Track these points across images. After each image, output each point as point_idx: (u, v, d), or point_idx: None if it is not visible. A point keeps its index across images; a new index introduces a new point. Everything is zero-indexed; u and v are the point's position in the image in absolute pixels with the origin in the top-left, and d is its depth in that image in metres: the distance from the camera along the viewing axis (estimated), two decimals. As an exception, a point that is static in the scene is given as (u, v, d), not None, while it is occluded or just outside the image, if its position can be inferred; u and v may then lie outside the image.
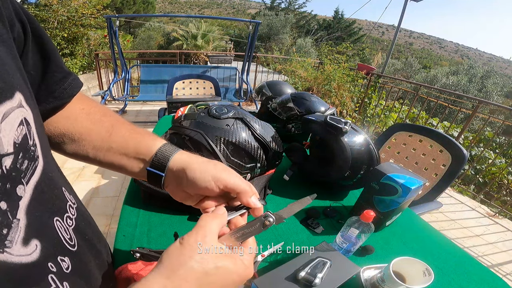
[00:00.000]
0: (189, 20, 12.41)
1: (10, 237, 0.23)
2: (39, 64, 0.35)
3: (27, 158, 0.26)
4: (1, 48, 0.25)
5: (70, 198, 0.35)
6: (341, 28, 22.07)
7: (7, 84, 0.24)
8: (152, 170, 0.38)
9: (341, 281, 0.58)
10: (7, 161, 0.24)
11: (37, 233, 0.26)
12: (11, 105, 0.24)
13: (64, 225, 0.31)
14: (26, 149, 0.26)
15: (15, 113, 0.25)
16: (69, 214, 0.33)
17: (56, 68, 0.37)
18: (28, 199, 0.26)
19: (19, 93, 0.26)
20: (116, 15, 3.27)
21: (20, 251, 0.24)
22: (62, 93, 0.39)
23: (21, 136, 0.26)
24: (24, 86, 0.28)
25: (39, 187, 0.28)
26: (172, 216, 0.82)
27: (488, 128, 4.83)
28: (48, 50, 0.36)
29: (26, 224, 0.25)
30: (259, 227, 0.33)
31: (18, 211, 0.25)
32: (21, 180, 0.25)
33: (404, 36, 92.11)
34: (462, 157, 1.20)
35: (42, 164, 0.29)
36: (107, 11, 6.25)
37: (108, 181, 2.38)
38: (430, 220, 2.22)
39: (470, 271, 0.74)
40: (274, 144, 0.85)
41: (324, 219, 0.90)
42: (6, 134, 0.23)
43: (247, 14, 58.45)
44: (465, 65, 13.12)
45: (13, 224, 0.24)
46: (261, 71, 5.66)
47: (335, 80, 4.38)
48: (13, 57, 0.27)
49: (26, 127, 0.27)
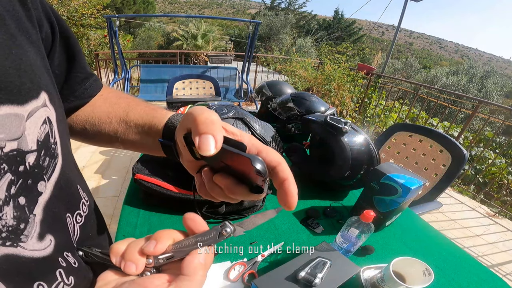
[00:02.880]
0: (189, 20, 12.41)
1: (27, 232, 0.24)
2: (64, 64, 0.36)
3: (48, 155, 0.27)
4: (30, 49, 0.26)
5: (83, 196, 0.36)
6: (341, 28, 22.08)
7: (34, 84, 0.25)
8: (162, 141, 0.37)
9: (341, 281, 0.58)
10: (31, 158, 0.25)
11: (51, 229, 0.27)
12: (36, 105, 0.25)
13: (73, 221, 0.32)
14: (47, 146, 0.27)
15: (40, 112, 0.26)
16: (80, 211, 0.34)
17: (80, 68, 0.39)
18: (48, 195, 0.27)
19: (44, 93, 0.27)
20: (116, 15, 3.27)
21: (34, 245, 0.25)
22: (83, 93, 0.40)
23: (43, 134, 0.27)
24: (50, 86, 0.29)
25: (59, 184, 0.29)
26: (172, 216, 0.82)
27: (488, 128, 4.83)
28: (74, 51, 0.37)
29: (41, 220, 0.26)
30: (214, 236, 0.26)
31: (36, 207, 0.25)
32: (43, 176, 0.26)
33: (404, 36, 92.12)
34: (462, 157, 1.20)
35: (61, 162, 0.30)
36: (107, 11, 6.25)
37: (108, 181, 2.38)
38: (430, 220, 2.22)
39: (470, 271, 0.74)
40: (274, 144, 0.85)
41: (324, 219, 0.90)
42: (31, 132, 0.25)
43: (247, 14, 58.44)
44: (465, 65, 13.13)
45: (29, 219, 0.25)
46: (261, 71, 5.66)
47: (335, 80, 4.38)
48: (42, 58, 0.28)
49: (49, 125, 0.28)
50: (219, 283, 0.64)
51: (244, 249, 0.73)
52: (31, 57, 0.26)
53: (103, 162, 2.66)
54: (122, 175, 2.47)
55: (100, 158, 2.71)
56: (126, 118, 0.42)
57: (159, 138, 0.39)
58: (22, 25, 0.25)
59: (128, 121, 0.41)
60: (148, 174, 0.83)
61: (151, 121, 0.40)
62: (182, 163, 0.36)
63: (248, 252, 0.72)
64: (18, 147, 0.23)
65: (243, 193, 0.28)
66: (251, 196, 0.29)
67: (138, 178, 0.82)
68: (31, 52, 0.26)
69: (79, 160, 2.66)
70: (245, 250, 0.73)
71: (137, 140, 0.42)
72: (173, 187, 0.81)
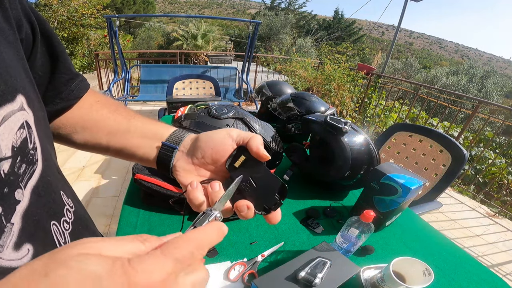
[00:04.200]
0: (189, 20, 12.40)
1: (2, 242, 0.23)
2: (47, 65, 0.35)
3: (25, 161, 0.26)
4: (7, 50, 0.25)
5: (68, 202, 0.35)
6: (341, 28, 22.08)
7: (9, 86, 0.24)
8: (167, 143, 0.39)
9: (341, 281, 0.58)
10: (5, 165, 0.23)
11: (30, 238, 0.26)
12: (12, 108, 0.24)
13: (60, 229, 0.31)
14: (25, 152, 0.26)
15: (16, 116, 0.25)
16: (65, 218, 0.33)
17: (64, 69, 0.38)
18: (26, 203, 0.26)
19: (21, 96, 0.26)
20: (116, 15, 3.27)
21: (10, 255, 0.24)
22: (69, 95, 0.39)
23: (20, 139, 0.25)
24: (28, 89, 0.28)
25: (36, 190, 0.28)
26: (172, 216, 0.82)
27: (488, 128, 4.83)
28: (57, 51, 0.36)
29: (20, 228, 0.25)
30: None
31: (14, 215, 0.24)
32: (19, 184, 0.25)
33: (404, 36, 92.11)
34: (462, 157, 1.20)
35: (41, 168, 0.29)
36: (107, 11, 6.25)
37: (108, 181, 2.38)
38: (430, 220, 2.22)
39: (470, 271, 0.74)
40: (274, 144, 0.86)
41: (324, 219, 0.90)
42: (5, 138, 0.23)
43: (247, 14, 58.47)
44: (465, 65, 13.11)
45: (6, 228, 0.23)
46: (261, 71, 5.66)
47: (335, 80, 4.38)
48: (19, 59, 0.27)
49: (27, 130, 0.26)
50: (219, 283, 0.64)
51: (244, 249, 0.73)
52: (6, 58, 0.24)
53: (103, 162, 2.66)
54: (122, 175, 2.47)
55: (100, 158, 2.71)
56: (127, 123, 0.41)
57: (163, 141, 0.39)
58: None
59: (130, 126, 0.41)
60: (148, 174, 0.83)
61: (154, 129, 0.41)
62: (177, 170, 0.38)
63: (248, 252, 0.72)
64: None
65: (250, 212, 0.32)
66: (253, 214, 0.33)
67: (138, 178, 0.82)
68: (8, 53, 0.25)
69: (79, 160, 2.67)
70: (245, 250, 0.73)
71: (131, 145, 0.41)
72: (173, 187, 0.81)
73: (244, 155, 0.34)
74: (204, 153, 0.36)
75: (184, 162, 0.37)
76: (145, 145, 0.40)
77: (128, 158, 0.42)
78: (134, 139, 0.41)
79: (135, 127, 0.41)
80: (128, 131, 0.41)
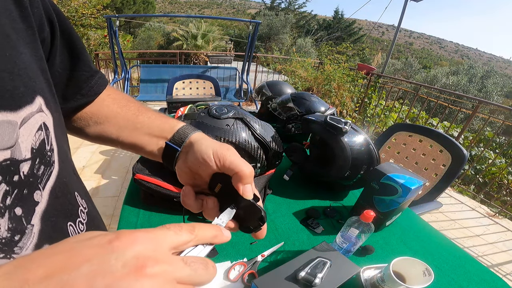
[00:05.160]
0: (189, 20, 12.40)
1: (22, 243, 0.23)
2: (66, 62, 0.35)
3: (43, 163, 0.26)
4: (26, 51, 0.25)
5: (81, 203, 0.35)
6: (341, 28, 22.08)
7: (28, 88, 0.24)
8: (170, 144, 0.39)
9: (341, 281, 0.58)
10: (25, 167, 0.24)
11: (50, 239, 0.26)
12: (31, 110, 0.24)
13: (76, 230, 0.31)
14: (43, 154, 0.26)
15: (35, 118, 0.25)
16: (80, 218, 0.33)
17: (85, 66, 0.38)
18: (45, 205, 0.26)
19: (39, 97, 0.26)
20: (116, 15, 3.27)
21: None
22: (89, 91, 0.40)
23: (39, 141, 0.26)
24: (46, 90, 0.28)
25: (54, 192, 0.28)
26: (172, 216, 0.83)
27: (488, 128, 4.83)
28: (77, 48, 0.36)
29: (39, 230, 0.25)
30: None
31: (34, 217, 0.24)
32: (38, 185, 0.25)
33: (404, 36, 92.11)
34: (462, 157, 1.20)
35: (58, 169, 0.29)
36: (107, 11, 6.26)
37: (108, 181, 2.38)
38: (430, 220, 2.22)
39: (470, 271, 0.74)
40: (274, 144, 0.86)
41: (324, 219, 0.90)
42: (24, 139, 0.23)
43: (247, 14, 58.48)
44: (465, 65, 13.12)
45: (26, 230, 0.24)
46: (261, 71, 5.66)
47: (335, 80, 4.38)
48: (38, 59, 0.27)
49: (45, 132, 0.27)
50: (219, 283, 0.64)
51: (244, 249, 0.73)
52: (26, 60, 0.24)
53: (103, 162, 2.66)
54: (122, 175, 2.47)
55: (100, 158, 2.71)
56: (135, 120, 0.42)
57: (167, 141, 0.39)
58: (16, 26, 0.24)
59: (137, 122, 0.42)
60: (148, 174, 0.83)
61: (161, 126, 0.41)
62: (176, 169, 0.38)
63: (248, 252, 0.72)
64: (11, 156, 0.22)
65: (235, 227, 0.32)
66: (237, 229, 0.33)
67: (138, 178, 0.82)
68: (26, 54, 0.25)
69: (79, 160, 2.66)
70: (245, 250, 0.73)
71: (140, 141, 0.41)
72: (173, 187, 0.81)
73: (221, 183, 0.33)
74: (193, 165, 0.35)
75: (182, 164, 0.37)
76: (151, 143, 0.41)
77: (138, 152, 0.44)
78: (141, 136, 0.41)
79: (142, 124, 0.41)
80: (136, 128, 0.41)
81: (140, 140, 0.41)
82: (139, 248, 0.18)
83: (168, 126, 0.40)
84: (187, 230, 0.22)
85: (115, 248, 0.17)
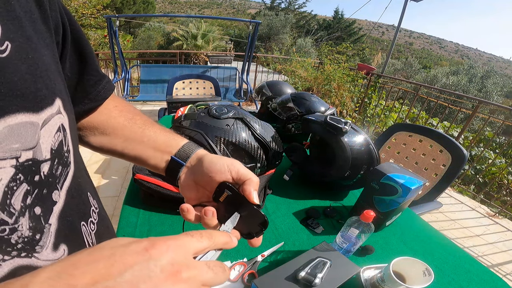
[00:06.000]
0: (189, 20, 12.39)
1: (42, 242, 0.24)
2: (75, 66, 0.36)
3: (61, 164, 0.27)
4: (46, 53, 0.25)
5: (93, 203, 0.36)
6: (341, 28, 22.08)
7: (49, 90, 0.24)
8: (175, 159, 0.40)
9: (341, 281, 0.58)
10: (45, 167, 0.24)
11: (65, 238, 0.27)
12: (51, 112, 0.25)
13: (88, 230, 0.32)
14: (61, 155, 0.27)
15: (54, 120, 0.25)
16: (92, 218, 0.34)
17: (92, 71, 0.38)
18: (62, 204, 0.27)
19: (58, 99, 0.26)
20: (116, 15, 3.27)
21: (48, 256, 0.24)
22: (97, 96, 0.40)
23: (57, 142, 0.26)
24: (63, 91, 0.28)
25: (70, 192, 0.28)
26: (172, 216, 0.82)
27: (488, 128, 4.83)
28: (85, 52, 0.36)
29: (56, 229, 0.26)
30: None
31: (51, 216, 0.25)
32: (56, 185, 0.26)
33: (404, 36, 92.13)
34: (462, 157, 1.20)
35: (73, 170, 0.30)
36: (107, 11, 6.27)
37: (108, 181, 2.38)
38: (430, 220, 2.22)
39: (470, 271, 0.74)
40: (274, 144, 0.86)
41: (324, 219, 0.90)
42: (45, 140, 0.24)
43: (247, 14, 58.50)
44: (465, 65, 13.10)
45: (45, 229, 0.24)
46: (261, 71, 5.65)
47: (335, 80, 4.37)
48: (56, 62, 0.27)
49: (63, 133, 0.27)
50: (219, 283, 0.64)
51: (244, 249, 0.73)
52: (46, 62, 0.25)
53: (103, 162, 2.66)
54: (122, 175, 2.47)
55: (100, 158, 2.71)
56: (141, 134, 0.43)
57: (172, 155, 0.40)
58: (38, 27, 0.24)
59: (143, 136, 0.42)
60: (148, 174, 0.83)
61: (166, 141, 0.42)
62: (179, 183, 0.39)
63: (248, 252, 0.72)
64: (33, 157, 0.23)
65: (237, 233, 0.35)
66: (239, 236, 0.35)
67: (138, 178, 0.82)
68: (47, 56, 0.25)
69: (79, 160, 2.66)
70: (245, 250, 0.73)
71: (144, 154, 0.42)
72: (173, 187, 0.81)
73: (227, 192, 0.35)
74: (202, 177, 0.37)
75: (187, 178, 0.39)
76: (156, 156, 0.42)
77: (140, 164, 0.45)
78: (146, 149, 0.42)
79: (148, 138, 0.42)
80: (142, 142, 0.42)
81: (145, 153, 0.42)
82: (173, 255, 0.20)
83: (174, 142, 0.42)
84: (207, 237, 0.25)
85: (153, 255, 0.19)
